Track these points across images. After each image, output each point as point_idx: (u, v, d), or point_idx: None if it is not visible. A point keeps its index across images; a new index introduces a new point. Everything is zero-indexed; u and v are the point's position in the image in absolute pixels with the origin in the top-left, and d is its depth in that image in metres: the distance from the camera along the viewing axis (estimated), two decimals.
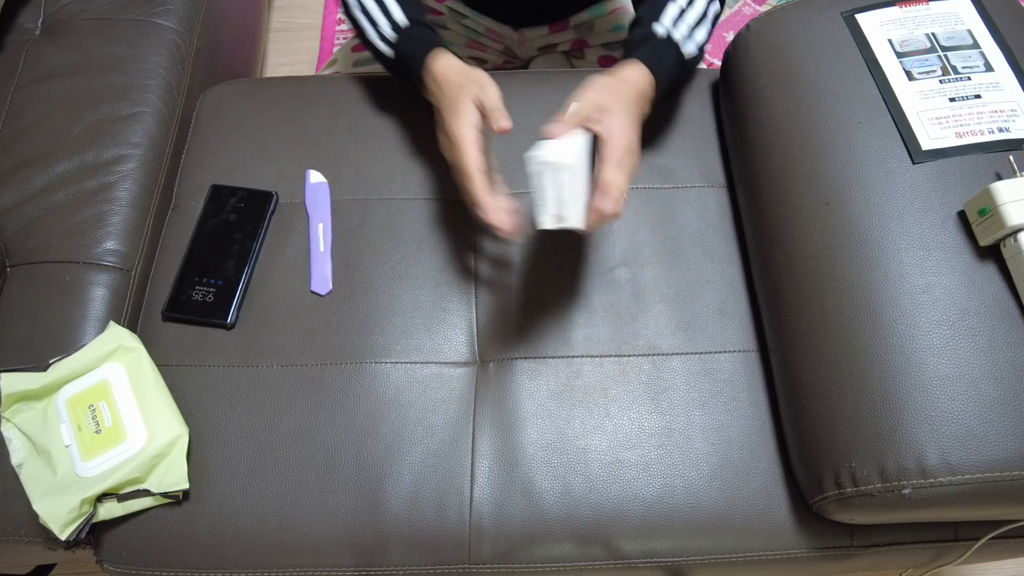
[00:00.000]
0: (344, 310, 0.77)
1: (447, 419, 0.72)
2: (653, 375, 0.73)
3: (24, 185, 0.85)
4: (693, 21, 0.74)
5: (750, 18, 0.97)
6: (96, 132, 0.88)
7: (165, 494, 0.68)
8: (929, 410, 0.58)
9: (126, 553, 0.69)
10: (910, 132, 0.67)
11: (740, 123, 0.81)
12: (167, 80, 0.94)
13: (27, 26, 0.99)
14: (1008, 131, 0.66)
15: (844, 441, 0.61)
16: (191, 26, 1.01)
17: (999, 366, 0.58)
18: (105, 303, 0.80)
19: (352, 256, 0.80)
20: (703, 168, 0.85)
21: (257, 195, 0.83)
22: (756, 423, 0.71)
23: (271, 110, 0.90)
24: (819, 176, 0.69)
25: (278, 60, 1.54)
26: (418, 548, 0.68)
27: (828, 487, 0.62)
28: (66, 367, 0.72)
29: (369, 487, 0.69)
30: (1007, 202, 0.58)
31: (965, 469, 0.56)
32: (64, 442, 0.69)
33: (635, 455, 0.69)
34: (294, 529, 0.68)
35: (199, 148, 0.90)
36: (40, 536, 0.69)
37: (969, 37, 0.71)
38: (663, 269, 0.78)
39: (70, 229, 0.82)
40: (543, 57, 1.08)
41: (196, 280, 0.79)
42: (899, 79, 0.70)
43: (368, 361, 0.74)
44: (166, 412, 0.71)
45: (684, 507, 0.68)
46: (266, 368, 0.74)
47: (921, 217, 0.64)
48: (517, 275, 0.79)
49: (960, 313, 0.60)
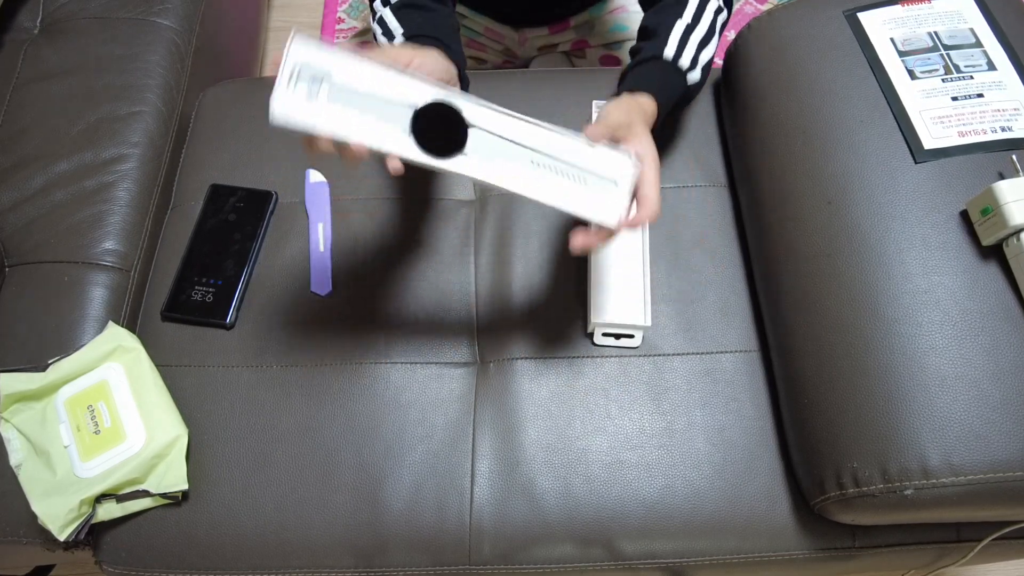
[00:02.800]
0: (344, 310, 0.77)
1: (447, 419, 0.71)
2: (654, 375, 0.73)
3: (23, 185, 0.85)
4: (700, 40, 0.72)
5: (752, 17, 0.97)
6: (95, 132, 0.88)
7: (164, 495, 0.68)
8: (931, 410, 0.57)
9: (125, 554, 0.69)
10: (912, 131, 0.67)
11: (741, 122, 0.81)
12: (166, 79, 0.94)
13: (25, 25, 0.99)
14: (1011, 130, 0.65)
15: (846, 441, 0.61)
16: (190, 25, 1.00)
17: (1001, 366, 0.58)
18: (104, 303, 0.80)
19: (352, 256, 0.80)
20: (704, 167, 0.85)
21: (256, 195, 0.83)
22: (757, 423, 0.71)
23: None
24: (821, 175, 0.69)
25: (277, 59, 1.54)
26: (418, 549, 0.67)
27: (830, 488, 0.62)
28: (65, 367, 0.72)
29: (369, 487, 0.68)
30: (1010, 201, 0.58)
31: (967, 470, 0.56)
32: (63, 442, 0.69)
33: (636, 456, 0.69)
34: (294, 530, 0.67)
35: (198, 147, 0.90)
36: (39, 537, 0.69)
37: (971, 36, 0.71)
38: (664, 269, 0.78)
39: (69, 229, 0.82)
40: (543, 57, 1.08)
41: (195, 280, 0.79)
42: (901, 78, 0.70)
43: (368, 361, 0.74)
44: (165, 412, 0.70)
45: (685, 508, 0.67)
46: (265, 368, 0.74)
47: (923, 217, 0.63)
48: (517, 275, 0.78)
49: (962, 313, 0.60)
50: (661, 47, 0.70)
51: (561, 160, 0.54)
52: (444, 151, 0.53)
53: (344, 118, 0.51)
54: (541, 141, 0.54)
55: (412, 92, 0.52)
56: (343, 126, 0.50)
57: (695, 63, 0.72)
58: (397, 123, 0.52)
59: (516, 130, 0.54)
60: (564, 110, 0.85)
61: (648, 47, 0.71)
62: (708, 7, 0.73)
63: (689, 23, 0.72)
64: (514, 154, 0.54)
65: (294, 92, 0.50)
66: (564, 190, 0.55)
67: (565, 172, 0.55)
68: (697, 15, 0.72)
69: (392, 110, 0.52)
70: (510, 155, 0.54)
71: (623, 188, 0.56)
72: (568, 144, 0.55)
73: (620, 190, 0.56)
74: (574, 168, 0.55)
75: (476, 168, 0.53)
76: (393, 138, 0.52)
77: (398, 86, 0.52)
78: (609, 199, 0.56)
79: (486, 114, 0.53)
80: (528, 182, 0.54)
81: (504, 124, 0.54)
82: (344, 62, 0.51)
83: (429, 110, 0.52)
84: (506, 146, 0.54)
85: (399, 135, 0.52)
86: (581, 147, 0.55)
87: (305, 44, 0.50)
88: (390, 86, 0.52)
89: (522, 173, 0.54)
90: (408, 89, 0.52)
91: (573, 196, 0.55)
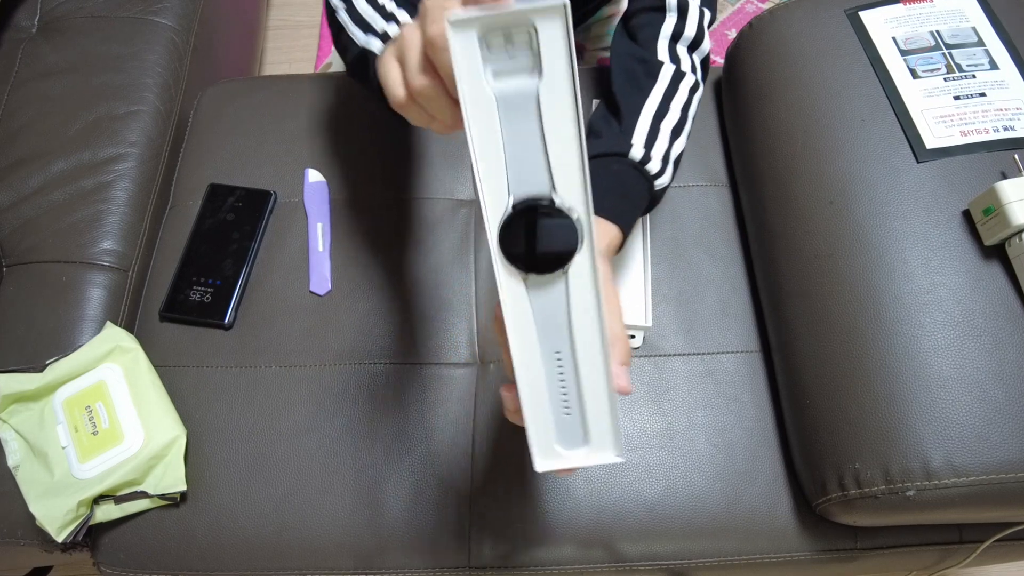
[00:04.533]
0: (343, 310, 0.76)
1: (447, 420, 0.71)
2: (655, 376, 0.72)
3: (20, 184, 0.84)
4: (672, 128, 0.60)
5: (753, 16, 0.97)
6: (93, 131, 0.88)
7: (162, 496, 0.67)
8: (933, 411, 0.57)
9: (123, 555, 0.68)
10: (914, 131, 0.67)
11: (743, 121, 0.81)
12: (164, 78, 0.94)
13: (23, 24, 0.98)
14: (1013, 129, 0.65)
15: (848, 442, 0.61)
16: (189, 24, 1.00)
17: (1004, 367, 0.57)
18: (102, 303, 0.79)
19: (351, 256, 0.79)
20: (705, 167, 0.85)
21: (255, 194, 0.83)
22: (759, 424, 0.71)
23: (269, 109, 0.90)
24: (823, 175, 0.69)
25: (276, 58, 1.54)
26: (418, 550, 0.67)
27: (832, 489, 0.62)
28: (63, 368, 0.72)
29: (368, 489, 0.68)
30: (1012, 201, 0.58)
31: (970, 471, 0.56)
32: (61, 443, 0.69)
33: (637, 457, 0.69)
34: (293, 531, 0.67)
35: (197, 147, 0.89)
36: (37, 538, 0.69)
37: (974, 35, 0.71)
38: (665, 269, 0.77)
39: (67, 229, 0.82)
40: None
41: (194, 280, 0.78)
42: (903, 77, 0.70)
43: (367, 362, 0.74)
44: (163, 413, 0.70)
45: (686, 509, 0.67)
46: (264, 369, 0.74)
47: (925, 216, 0.63)
48: None
49: (965, 313, 0.59)
50: (626, 142, 0.58)
51: (578, 378, 0.40)
52: (520, 261, 0.39)
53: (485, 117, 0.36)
54: (588, 342, 0.39)
55: (563, 180, 0.37)
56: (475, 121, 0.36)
57: (667, 158, 0.59)
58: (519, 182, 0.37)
59: (585, 309, 0.39)
60: None
61: (607, 142, 0.59)
62: (682, 84, 0.62)
63: (659, 106, 0.60)
64: (555, 327, 0.40)
65: (482, 47, 0.35)
66: (546, 402, 0.40)
67: (566, 390, 0.40)
68: (669, 92, 0.61)
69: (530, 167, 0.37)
70: (552, 324, 0.40)
71: (582, 456, 0.41)
72: (598, 371, 0.40)
73: (578, 454, 0.41)
74: (577, 397, 0.40)
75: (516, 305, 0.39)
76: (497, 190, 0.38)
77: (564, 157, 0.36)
78: (564, 449, 0.41)
79: (585, 270, 0.38)
80: (529, 367, 0.40)
81: (583, 294, 0.39)
82: (562, 77, 0.35)
83: (550, 214, 0.37)
84: (562, 315, 0.39)
85: (502, 194, 0.38)
86: (601, 384, 0.40)
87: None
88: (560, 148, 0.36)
89: (536, 352, 0.40)
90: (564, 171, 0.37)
91: (545, 415, 0.41)
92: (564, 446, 0.41)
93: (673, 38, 0.64)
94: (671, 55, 0.64)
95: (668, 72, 0.62)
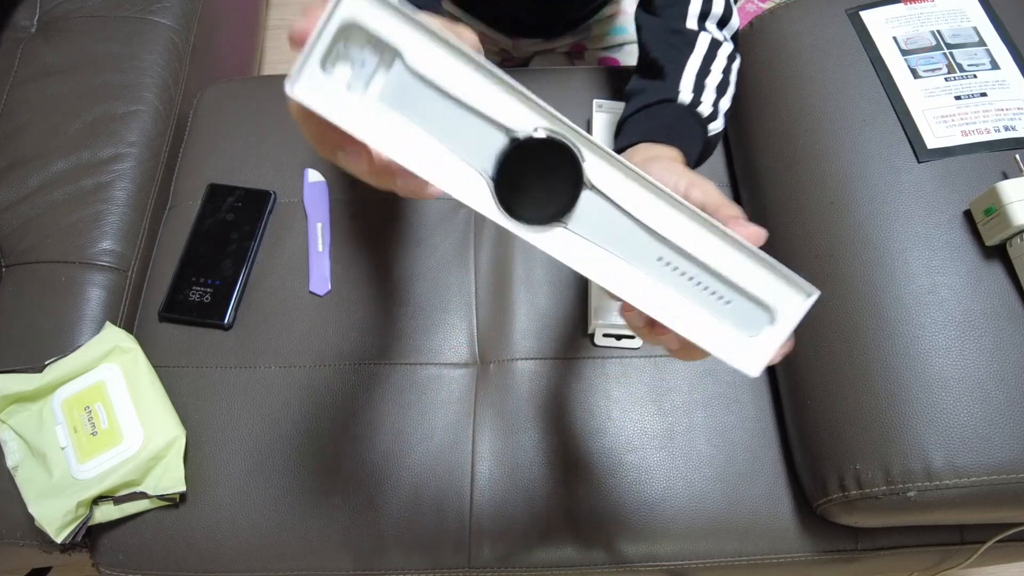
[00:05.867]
0: (343, 311, 0.76)
1: (447, 421, 0.71)
2: (655, 376, 0.72)
3: (20, 184, 0.84)
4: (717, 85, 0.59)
5: (753, 15, 0.97)
6: (92, 131, 0.87)
7: (162, 497, 0.67)
8: (934, 412, 0.57)
9: (122, 556, 0.68)
10: (915, 131, 0.67)
11: (743, 121, 0.81)
12: (164, 78, 0.93)
13: (23, 23, 0.98)
14: (1014, 129, 0.65)
15: (848, 443, 0.61)
16: (188, 24, 1.00)
17: (1005, 367, 0.57)
18: (101, 303, 0.79)
19: (351, 256, 0.79)
20: (705, 166, 0.84)
21: (255, 194, 0.83)
22: (759, 425, 0.70)
23: (269, 108, 0.89)
24: (823, 175, 0.69)
25: (276, 58, 1.54)
26: (418, 551, 0.67)
27: (832, 489, 0.62)
28: (62, 368, 0.72)
29: (368, 489, 0.68)
30: (1013, 201, 0.58)
31: (971, 471, 0.56)
32: (60, 444, 0.69)
33: (637, 457, 0.69)
34: (292, 532, 0.67)
35: (196, 147, 0.89)
36: (36, 539, 0.68)
37: (975, 34, 0.71)
38: None
39: (66, 229, 0.82)
40: (542, 56, 1.07)
41: (193, 280, 0.78)
42: (904, 77, 0.70)
43: (367, 362, 0.74)
44: (163, 414, 0.70)
45: (687, 510, 0.67)
46: (264, 369, 0.74)
47: (926, 216, 0.63)
48: (518, 275, 0.78)
49: (966, 314, 0.59)
50: (673, 89, 0.56)
51: (701, 263, 0.36)
52: (538, 216, 0.34)
53: (397, 131, 0.31)
54: (678, 229, 0.35)
55: (506, 111, 0.32)
56: (392, 143, 0.31)
57: (715, 112, 0.58)
58: (475, 156, 0.32)
59: (646, 205, 0.35)
60: (565, 110, 0.84)
61: (654, 88, 0.57)
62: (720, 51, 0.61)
63: (701, 66, 0.59)
64: (635, 242, 0.35)
65: (329, 76, 0.30)
66: (696, 311, 0.37)
67: (703, 282, 0.36)
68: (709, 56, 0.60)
69: (471, 134, 0.32)
70: (629, 242, 0.35)
71: (780, 326, 0.38)
72: (715, 242, 0.35)
73: (775, 328, 0.38)
74: (718, 280, 0.36)
75: (575, 254, 0.35)
76: (462, 179, 0.32)
77: (487, 96, 0.32)
78: (756, 337, 0.38)
79: (611, 172, 0.34)
80: (647, 292, 0.36)
81: (632, 193, 0.34)
82: (421, 42, 0.30)
83: (530, 148, 0.32)
84: (627, 227, 0.35)
85: (472, 177, 0.32)
86: (731, 251, 0.36)
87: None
88: (476, 94, 0.31)
89: (640, 276, 0.36)
90: (499, 104, 0.32)
91: (707, 323, 0.37)
92: (750, 332, 0.37)
93: (702, 17, 0.63)
94: (702, 29, 0.63)
95: (705, 39, 0.61)
